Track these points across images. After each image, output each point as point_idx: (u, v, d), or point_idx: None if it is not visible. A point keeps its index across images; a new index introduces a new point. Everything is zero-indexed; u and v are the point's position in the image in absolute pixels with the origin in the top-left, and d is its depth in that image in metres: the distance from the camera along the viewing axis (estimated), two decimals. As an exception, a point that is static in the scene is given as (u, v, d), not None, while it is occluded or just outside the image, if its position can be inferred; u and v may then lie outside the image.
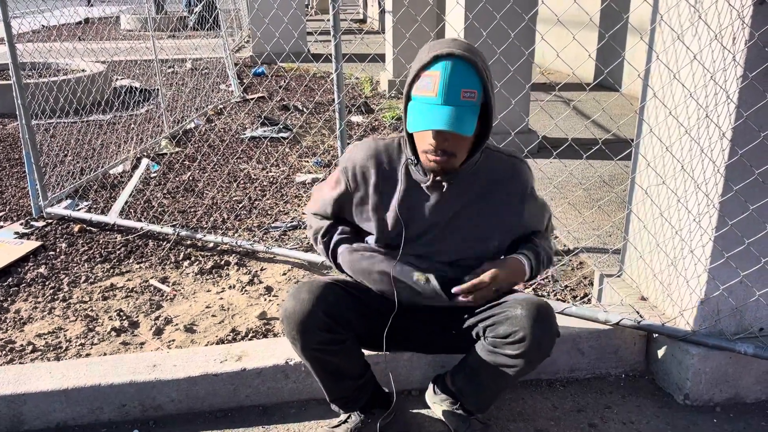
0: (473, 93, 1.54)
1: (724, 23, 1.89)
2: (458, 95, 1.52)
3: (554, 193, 3.91)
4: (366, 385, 1.93)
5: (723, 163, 1.94)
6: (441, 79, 1.52)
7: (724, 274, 2.04)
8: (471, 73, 1.54)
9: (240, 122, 5.93)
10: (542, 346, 1.65)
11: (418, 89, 1.57)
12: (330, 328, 1.71)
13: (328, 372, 1.82)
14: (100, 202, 3.91)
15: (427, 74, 1.55)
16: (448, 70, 1.52)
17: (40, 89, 6.06)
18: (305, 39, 9.90)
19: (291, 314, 1.69)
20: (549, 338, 1.66)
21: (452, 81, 1.52)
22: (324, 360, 1.77)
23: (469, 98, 1.53)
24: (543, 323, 1.64)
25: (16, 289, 2.89)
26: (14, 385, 2.03)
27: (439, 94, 1.53)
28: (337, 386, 1.87)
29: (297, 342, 1.72)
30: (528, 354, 1.65)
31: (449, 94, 1.52)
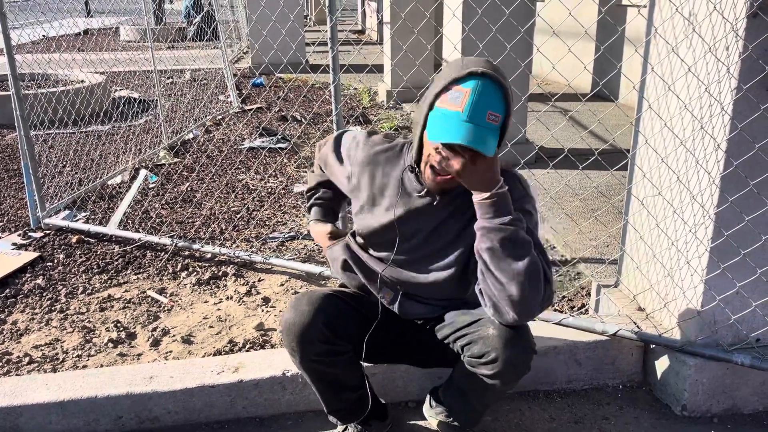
0: (497, 117, 1.52)
1: (718, 36, 1.90)
2: (484, 116, 1.50)
3: (551, 204, 3.92)
4: (364, 397, 1.93)
5: (718, 174, 1.95)
6: (471, 96, 1.50)
7: (721, 284, 2.05)
8: (499, 97, 1.53)
9: (238, 133, 5.95)
10: (516, 366, 1.63)
11: (444, 102, 1.54)
12: (329, 340, 1.71)
13: (326, 383, 1.82)
14: (98, 213, 3.92)
15: (458, 88, 1.52)
16: (479, 88, 1.51)
17: (39, 100, 6.07)
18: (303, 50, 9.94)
19: (291, 326, 1.70)
20: (523, 358, 1.63)
21: (481, 100, 1.50)
22: (323, 371, 1.77)
23: (493, 121, 1.51)
24: (516, 342, 1.62)
25: (14, 301, 2.88)
26: (10, 397, 2.02)
27: (466, 110, 1.50)
28: (335, 398, 1.87)
29: (296, 353, 1.73)
30: (502, 374, 1.64)
31: (475, 113, 1.49)
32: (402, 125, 6.24)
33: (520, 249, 1.55)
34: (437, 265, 1.76)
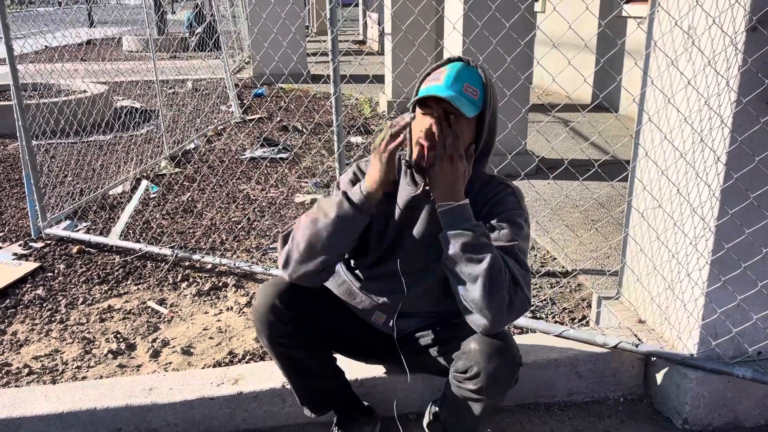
0: (476, 91, 1.62)
1: (718, 49, 1.91)
2: (461, 87, 1.60)
3: (551, 216, 3.92)
4: (336, 391, 1.97)
5: (718, 187, 1.95)
6: (448, 72, 1.62)
7: (722, 297, 2.05)
8: (477, 76, 1.64)
9: (239, 143, 5.96)
10: (499, 380, 1.62)
11: (425, 82, 1.65)
12: (291, 320, 1.76)
13: (293, 369, 1.86)
14: (99, 223, 3.92)
15: (437, 71, 1.65)
16: (457, 66, 1.63)
17: (41, 110, 6.09)
18: (305, 61, 9.97)
19: (257, 307, 1.77)
20: (506, 371, 1.62)
21: (458, 75, 1.61)
22: (289, 355, 1.81)
23: (471, 94, 1.61)
24: (498, 356, 1.60)
25: (14, 311, 2.88)
26: (9, 408, 2.01)
27: (445, 81, 1.60)
28: (301, 385, 1.91)
29: (263, 334, 1.78)
30: (487, 390, 1.63)
31: (454, 84, 1.59)
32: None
33: (479, 252, 1.54)
34: (427, 276, 1.78)
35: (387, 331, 1.87)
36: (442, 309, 1.83)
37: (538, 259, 3.36)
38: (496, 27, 4.11)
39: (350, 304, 1.89)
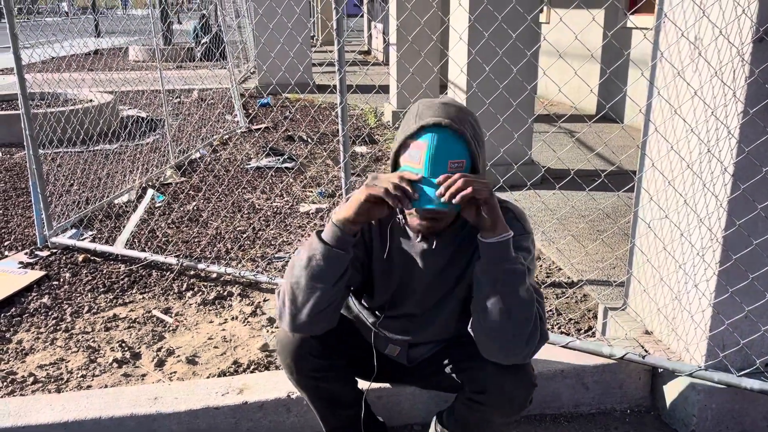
0: (461, 163, 1.49)
1: (724, 60, 1.91)
2: (445, 167, 1.48)
3: (557, 226, 3.91)
4: (359, 414, 1.93)
5: (725, 197, 1.95)
6: (427, 152, 1.47)
7: (729, 308, 2.03)
8: (458, 143, 1.49)
9: (245, 152, 5.98)
10: (514, 401, 1.61)
11: (405, 160, 1.52)
12: (323, 354, 1.72)
13: (324, 400, 1.83)
14: (105, 232, 3.93)
15: (414, 146, 1.50)
16: (435, 142, 1.47)
17: (48, 119, 6.13)
18: (310, 71, 10.02)
19: (285, 343, 1.72)
20: (522, 393, 1.61)
21: (438, 154, 1.47)
22: (319, 387, 1.78)
23: (457, 168, 1.49)
24: (515, 377, 1.60)
25: (19, 320, 2.88)
26: (15, 417, 2.01)
27: (425, 167, 1.47)
28: (333, 415, 1.88)
29: (292, 370, 1.74)
30: (502, 409, 1.62)
31: (435, 167, 1.47)
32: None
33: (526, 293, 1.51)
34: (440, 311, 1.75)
35: (401, 361, 1.87)
36: (454, 334, 1.82)
37: (544, 270, 3.35)
38: (501, 37, 4.13)
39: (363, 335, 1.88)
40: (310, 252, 1.54)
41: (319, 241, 1.54)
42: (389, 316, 1.80)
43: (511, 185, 4.55)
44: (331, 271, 1.54)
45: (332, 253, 1.53)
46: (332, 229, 1.54)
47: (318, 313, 1.56)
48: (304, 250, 1.57)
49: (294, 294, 1.56)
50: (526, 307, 1.51)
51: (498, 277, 1.50)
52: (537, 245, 3.63)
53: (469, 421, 1.75)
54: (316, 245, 1.54)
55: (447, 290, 1.72)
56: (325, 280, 1.54)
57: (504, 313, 1.50)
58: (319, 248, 1.54)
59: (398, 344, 1.83)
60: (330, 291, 1.55)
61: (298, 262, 1.57)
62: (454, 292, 1.72)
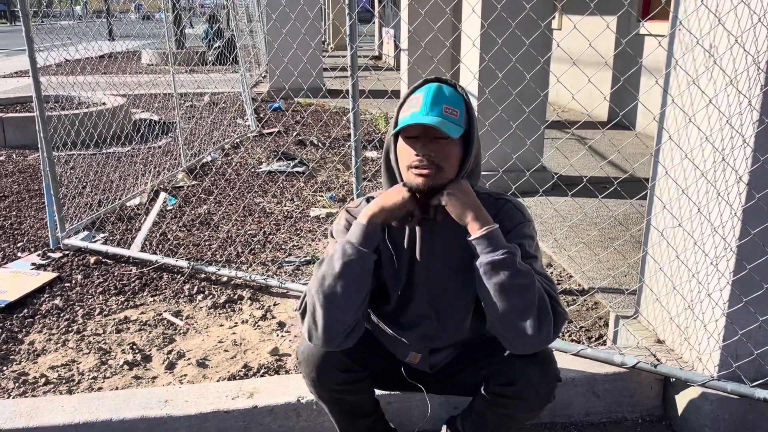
0: (456, 111, 1.56)
1: (740, 68, 1.90)
2: (441, 109, 1.54)
3: (568, 233, 3.90)
4: (377, 422, 1.92)
5: (740, 206, 1.93)
6: (424, 97, 1.56)
7: (743, 318, 2.02)
8: (454, 94, 1.59)
9: (257, 157, 6.00)
10: (540, 392, 1.63)
11: (403, 112, 1.59)
12: (348, 368, 1.71)
13: (345, 411, 1.81)
14: (117, 235, 3.95)
15: (412, 97, 1.60)
16: (432, 89, 1.57)
17: (62, 122, 6.18)
18: (322, 75, 10.05)
19: (309, 356, 1.69)
20: (547, 384, 1.63)
21: (435, 98, 1.55)
22: (342, 399, 1.77)
23: (452, 114, 1.55)
24: (541, 369, 1.62)
25: (31, 321, 2.90)
26: (26, 418, 2.02)
27: (422, 107, 1.54)
28: (352, 426, 1.86)
29: (316, 384, 1.72)
30: (527, 401, 1.63)
31: (432, 107, 1.54)
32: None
33: (523, 279, 1.51)
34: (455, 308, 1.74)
35: (422, 368, 1.85)
36: (472, 335, 1.82)
37: (555, 277, 3.34)
38: (513, 44, 4.12)
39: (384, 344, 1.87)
40: (344, 258, 1.53)
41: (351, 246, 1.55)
42: (403, 321, 1.78)
43: (523, 192, 4.54)
44: (364, 275, 1.56)
45: (364, 255, 1.55)
46: (362, 229, 1.56)
47: (355, 322, 1.57)
48: (334, 260, 1.55)
49: (328, 307, 1.53)
50: (526, 293, 1.50)
51: (488, 272, 1.51)
52: (548, 252, 3.61)
53: (490, 419, 1.74)
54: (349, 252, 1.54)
55: (456, 286, 1.71)
56: (360, 286, 1.55)
57: (504, 304, 1.50)
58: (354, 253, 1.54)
59: (417, 350, 1.81)
60: (364, 297, 1.57)
61: (329, 274, 1.54)
62: (464, 288, 1.70)
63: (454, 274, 1.70)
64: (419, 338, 1.79)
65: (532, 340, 1.51)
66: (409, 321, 1.78)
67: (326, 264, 1.57)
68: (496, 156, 4.47)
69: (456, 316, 1.76)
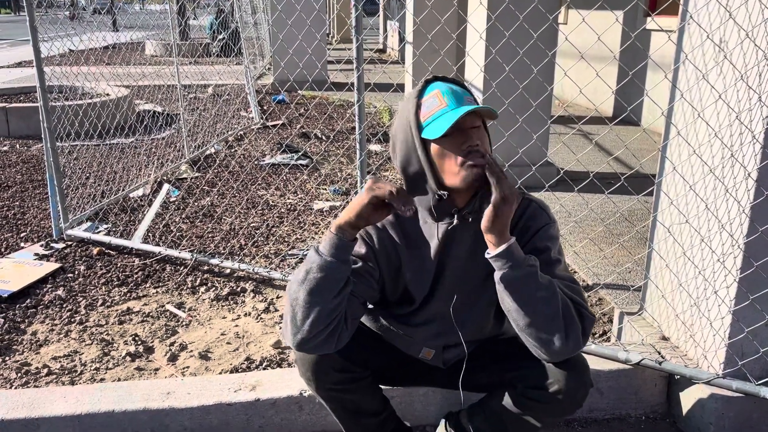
0: (473, 99, 1.55)
1: (750, 63, 1.88)
2: (463, 100, 1.51)
3: (574, 228, 3.88)
4: (386, 421, 1.89)
5: (748, 203, 1.91)
6: (443, 92, 1.50)
7: (749, 316, 2.00)
8: (462, 87, 1.57)
9: (260, 149, 5.98)
10: (575, 398, 1.60)
11: (426, 114, 1.50)
12: (345, 368, 1.68)
13: (347, 411, 1.78)
14: (120, 226, 3.94)
15: (426, 98, 1.52)
16: (443, 85, 1.53)
17: (65, 112, 6.17)
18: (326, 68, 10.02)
19: (303, 357, 1.67)
20: (583, 391, 1.61)
21: (452, 91, 1.51)
22: (342, 398, 1.74)
23: (474, 102, 1.54)
24: (578, 375, 1.59)
25: (34, 311, 2.90)
26: (28, 408, 2.02)
27: (450, 101, 1.49)
28: (357, 425, 1.83)
29: (312, 383, 1.70)
30: (561, 407, 1.60)
31: (458, 100, 1.50)
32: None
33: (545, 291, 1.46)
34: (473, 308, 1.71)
35: (436, 364, 1.83)
36: (488, 334, 1.79)
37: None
38: (519, 38, 4.10)
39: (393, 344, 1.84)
40: (307, 266, 1.48)
41: (315, 253, 1.48)
42: (419, 321, 1.74)
43: (528, 186, 4.52)
44: (328, 284, 1.47)
45: (329, 264, 1.46)
46: (329, 239, 1.48)
47: (319, 331, 1.48)
48: (302, 267, 1.51)
49: (293, 313, 1.49)
50: (547, 306, 1.46)
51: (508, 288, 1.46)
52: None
53: (507, 420, 1.72)
54: (313, 258, 1.48)
55: (476, 284, 1.68)
56: (324, 293, 1.47)
57: (527, 319, 1.46)
58: (316, 261, 1.47)
59: (431, 347, 1.78)
60: (329, 306, 1.47)
61: (295, 277, 1.51)
62: (484, 288, 1.67)
63: (477, 277, 1.67)
64: (434, 335, 1.76)
65: (560, 349, 1.48)
66: (426, 320, 1.74)
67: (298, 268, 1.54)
68: (501, 150, 4.44)
69: (476, 318, 1.73)
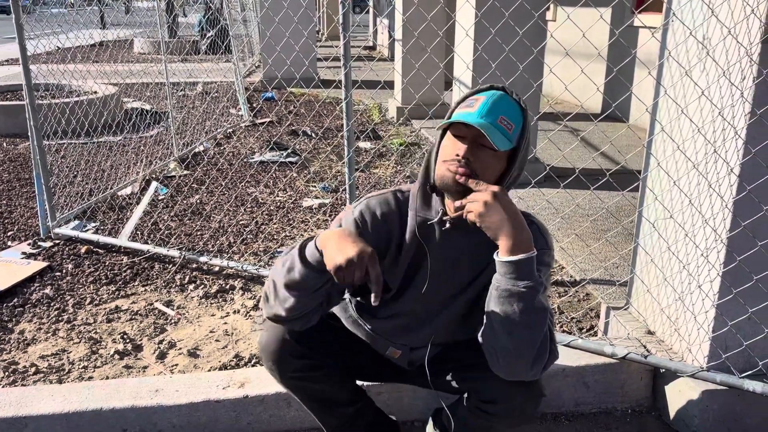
0: (511, 125, 1.49)
1: (732, 60, 1.90)
2: (496, 118, 1.47)
3: (561, 224, 3.91)
4: (362, 412, 1.89)
5: (731, 198, 1.94)
6: (485, 101, 1.49)
7: (732, 310, 2.03)
8: (516, 109, 1.51)
9: (249, 146, 5.97)
10: (525, 412, 1.60)
11: (459, 109, 1.53)
12: (305, 355, 1.69)
13: (315, 400, 1.80)
14: (108, 224, 3.93)
15: (473, 98, 1.53)
16: (495, 96, 1.50)
17: (52, 110, 6.13)
18: (315, 65, 10.00)
19: (265, 345, 1.70)
20: (532, 403, 1.60)
21: (495, 105, 1.49)
22: (306, 387, 1.75)
23: (506, 127, 1.47)
24: (524, 389, 1.57)
25: (21, 310, 2.89)
26: (16, 407, 2.02)
27: (479, 109, 1.47)
28: (328, 415, 1.85)
29: (275, 372, 1.72)
30: (510, 420, 1.60)
31: (488, 114, 1.47)
32: (412, 142, 6.25)
33: (536, 319, 1.45)
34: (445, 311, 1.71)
35: (401, 364, 1.83)
36: (457, 338, 1.79)
37: (547, 268, 3.34)
38: (507, 35, 4.11)
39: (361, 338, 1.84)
40: (290, 264, 1.50)
41: (299, 260, 1.49)
42: (387, 315, 1.74)
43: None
44: (305, 285, 1.50)
45: (310, 274, 1.48)
46: (312, 252, 1.48)
47: (293, 315, 1.54)
48: (288, 257, 1.53)
49: (275, 290, 1.54)
50: (534, 330, 1.45)
51: (503, 299, 1.45)
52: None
53: (472, 426, 1.74)
54: (296, 261, 1.49)
55: (454, 291, 1.68)
56: (301, 291, 1.51)
57: (510, 334, 1.45)
58: (298, 266, 1.48)
59: (398, 347, 1.79)
60: (305, 300, 1.52)
61: (280, 264, 1.53)
62: (461, 296, 1.68)
63: (457, 279, 1.66)
64: (398, 331, 1.76)
65: (520, 373, 1.49)
66: (393, 318, 1.74)
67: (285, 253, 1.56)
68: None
69: (443, 320, 1.72)
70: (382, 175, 5.11)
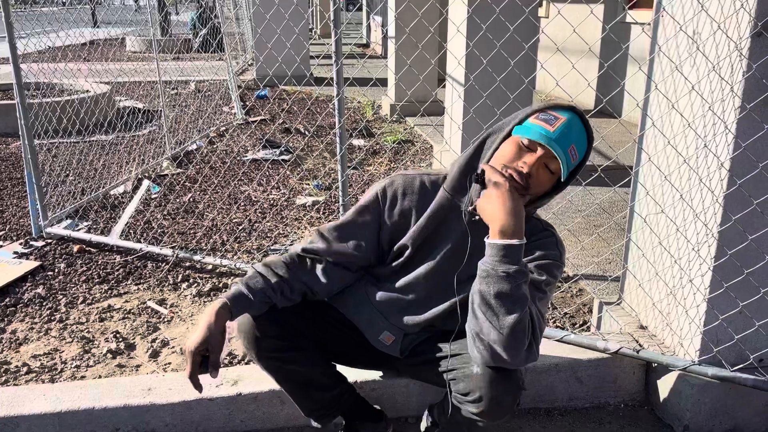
0: (576, 156, 1.58)
1: (722, 55, 1.91)
2: (567, 146, 1.55)
3: (553, 220, 3.92)
4: (342, 397, 1.92)
5: (722, 192, 1.94)
6: (564, 123, 1.55)
7: (724, 304, 2.04)
8: (584, 141, 1.59)
9: (242, 144, 5.96)
10: (502, 405, 1.57)
11: (537, 119, 1.58)
12: (281, 335, 1.74)
13: (293, 382, 1.82)
14: (100, 223, 3.92)
15: (553, 113, 1.58)
16: (574, 121, 1.57)
17: (43, 109, 6.10)
18: (308, 63, 9.98)
19: (241, 327, 1.75)
20: (509, 397, 1.57)
21: (571, 131, 1.56)
22: (282, 368, 1.78)
23: (573, 157, 1.56)
24: (501, 382, 1.56)
25: (13, 310, 2.87)
26: (7, 407, 2.01)
27: (557, 132, 1.54)
28: (308, 397, 1.87)
29: (252, 351, 1.76)
30: (489, 414, 1.59)
31: (563, 139, 1.54)
32: (405, 139, 6.25)
33: (514, 305, 1.47)
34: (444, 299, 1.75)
35: (392, 352, 1.84)
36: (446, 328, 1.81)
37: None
38: (499, 31, 4.11)
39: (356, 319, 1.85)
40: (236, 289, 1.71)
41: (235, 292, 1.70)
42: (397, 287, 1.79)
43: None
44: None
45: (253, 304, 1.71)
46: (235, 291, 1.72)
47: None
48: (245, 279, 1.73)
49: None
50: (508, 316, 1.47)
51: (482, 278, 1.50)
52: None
53: (459, 420, 1.74)
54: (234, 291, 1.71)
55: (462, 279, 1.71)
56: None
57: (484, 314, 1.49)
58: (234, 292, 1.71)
59: (393, 332, 1.82)
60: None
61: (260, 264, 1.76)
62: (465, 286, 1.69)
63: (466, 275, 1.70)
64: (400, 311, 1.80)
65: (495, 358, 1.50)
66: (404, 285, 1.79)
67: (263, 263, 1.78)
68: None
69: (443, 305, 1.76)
70: (375, 173, 5.11)
